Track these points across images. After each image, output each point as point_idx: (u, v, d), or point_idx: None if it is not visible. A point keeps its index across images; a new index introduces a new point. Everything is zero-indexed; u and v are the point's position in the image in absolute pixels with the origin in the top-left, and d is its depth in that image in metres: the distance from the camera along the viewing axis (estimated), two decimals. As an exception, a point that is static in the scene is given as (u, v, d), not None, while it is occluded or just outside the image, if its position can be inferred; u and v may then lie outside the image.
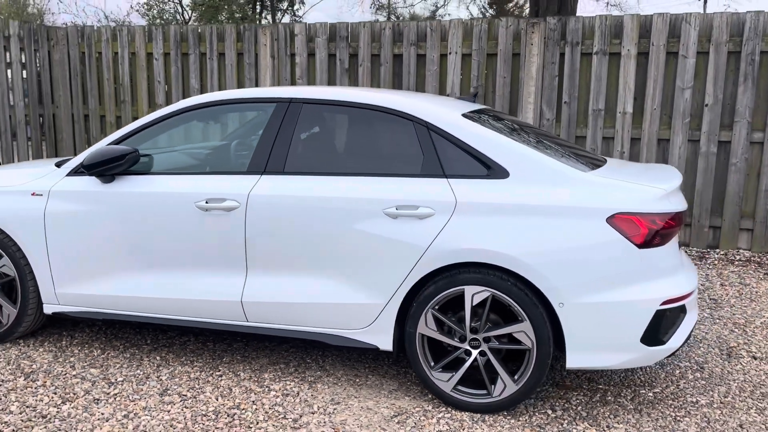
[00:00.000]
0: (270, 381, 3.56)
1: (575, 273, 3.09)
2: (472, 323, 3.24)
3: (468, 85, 7.06)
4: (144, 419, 3.14)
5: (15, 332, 3.90)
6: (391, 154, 3.51)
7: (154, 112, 3.78)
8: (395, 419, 3.19)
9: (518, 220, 3.17)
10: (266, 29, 7.56)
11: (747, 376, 3.77)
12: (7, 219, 3.78)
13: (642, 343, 3.11)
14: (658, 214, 3.13)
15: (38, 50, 8.14)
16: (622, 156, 6.71)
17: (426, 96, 4.04)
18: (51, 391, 3.40)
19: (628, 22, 6.57)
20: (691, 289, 3.24)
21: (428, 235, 3.23)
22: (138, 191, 3.60)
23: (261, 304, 3.47)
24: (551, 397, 3.47)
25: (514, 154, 3.29)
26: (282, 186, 3.44)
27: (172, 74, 7.92)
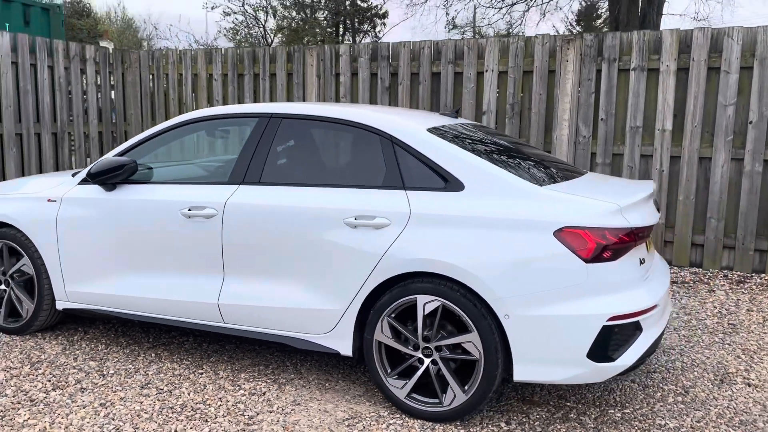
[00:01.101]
0: (244, 381, 3.76)
1: (521, 285, 3.11)
2: (425, 332, 3.32)
3: (504, 102, 7.08)
4: (117, 408, 3.42)
5: (33, 325, 4.31)
6: (358, 166, 3.65)
7: (154, 127, 4.11)
8: (346, 422, 3.30)
9: (468, 232, 3.23)
10: (313, 50, 7.89)
11: (732, 403, 3.62)
12: (28, 223, 4.20)
13: (589, 359, 3.08)
14: (609, 229, 3.11)
15: (112, 72, 8.84)
16: (661, 175, 6.52)
17: (398, 111, 4.16)
18: (47, 379, 3.75)
19: (667, 38, 6.41)
20: (647, 305, 3.17)
21: (383, 245, 3.34)
22: (133, 199, 3.93)
23: (235, 307, 3.69)
24: (511, 411, 3.47)
25: (471, 168, 3.36)
26: (256, 196, 3.66)
27: (230, 94, 8.39)
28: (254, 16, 22.63)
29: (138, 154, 4.10)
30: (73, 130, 8.25)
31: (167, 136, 4.09)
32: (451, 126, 3.84)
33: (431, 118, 3.90)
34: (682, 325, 4.84)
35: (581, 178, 3.77)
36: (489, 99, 7.11)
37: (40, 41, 7.87)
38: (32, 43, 7.77)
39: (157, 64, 8.84)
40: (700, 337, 4.61)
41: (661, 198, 6.53)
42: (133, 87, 8.97)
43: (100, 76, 8.68)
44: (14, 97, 7.56)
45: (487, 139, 3.92)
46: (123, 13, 28.33)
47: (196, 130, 4.13)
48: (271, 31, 23.06)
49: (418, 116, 3.90)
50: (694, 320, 4.95)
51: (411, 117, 3.80)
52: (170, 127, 4.06)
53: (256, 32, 23.02)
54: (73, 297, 4.15)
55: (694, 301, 5.38)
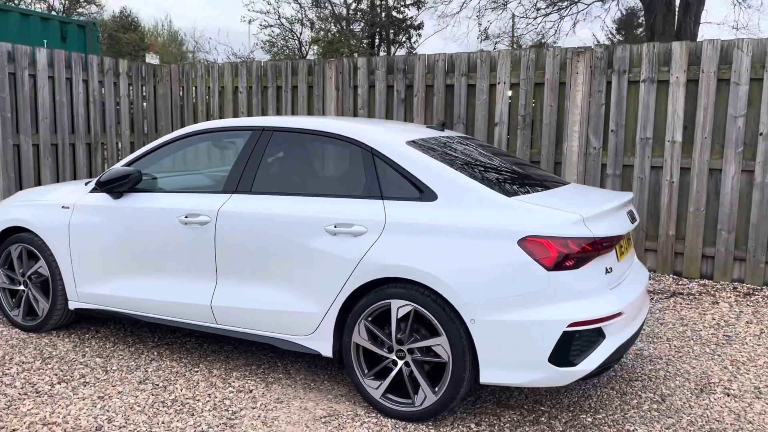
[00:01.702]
0: (235, 379, 3.98)
1: (486, 291, 3.25)
2: (398, 335, 3.48)
3: (516, 114, 7.19)
4: (114, 401, 3.67)
5: (48, 324, 4.62)
6: (341, 176, 3.84)
7: (159, 139, 4.38)
8: (323, 419, 3.48)
9: (438, 240, 3.38)
10: (332, 63, 8.14)
11: (707, 412, 3.67)
12: (44, 228, 4.51)
13: (550, 363, 3.20)
14: (572, 239, 3.22)
15: (144, 85, 9.25)
16: (671, 186, 6.54)
17: (385, 123, 4.33)
18: (54, 373, 4.03)
19: (677, 50, 6.45)
20: (610, 313, 3.26)
21: (360, 251, 3.52)
22: (137, 206, 4.20)
23: (227, 309, 3.91)
24: (484, 413, 3.60)
25: (444, 179, 3.52)
26: (246, 204, 3.88)
27: (254, 106, 8.70)
28: (290, 29, 23.17)
29: (144, 164, 4.38)
30: (106, 140, 8.67)
31: (170, 147, 4.36)
32: (433, 139, 4.01)
33: (415, 131, 4.07)
34: (676, 335, 4.88)
35: (558, 189, 3.89)
36: (501, 111, 7.23)
37: (75, 56, 8.31)
38: (68, 58, 8.21)
39: (186, 78, 9.22)
40: (691, 347, 4.65)
41: (671, 209, 6.55)
42: (164, 99, 9.37)
43: (133, 89, 9.10)
44: (50, 109, 8.00)
45: (468, 151, 4.07)
46: (169, 27, 29.29)
47: (197, 142, 4.39)
48: (307, 43, 23.57)
49: (402, 129, 4.07)
50: (689, 331, 4.98)
51: (393, 130, 3.98)
52: (173, 139, 4.33)
53: (292, 44, 23.57)
54: (83, 297, 4.44)
55: (694, 313, 5.40)
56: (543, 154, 7.08)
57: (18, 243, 4.64)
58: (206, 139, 4.35)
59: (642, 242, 6.70)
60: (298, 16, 23.19)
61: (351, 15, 23.31)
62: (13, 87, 7.62)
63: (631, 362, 4.36)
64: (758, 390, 3.96)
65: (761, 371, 4.24)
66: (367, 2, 23.56)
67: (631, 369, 4.25)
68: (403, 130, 3.99)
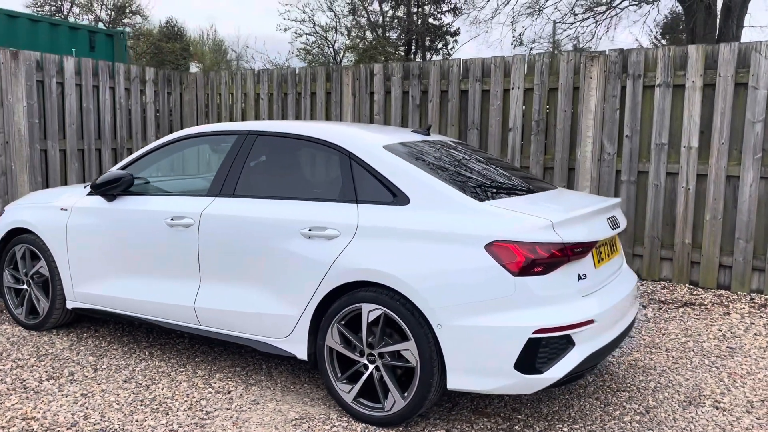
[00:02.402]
0: (217, 380, 4.03)
1: (452, 296, 3.22)
2: (369, 339, 3.47)
3: (530, 119, 7.12)
4: (95, 398, 3.76)
5: (48, 322, 4.76)
6: (320, 180, 3.87)
7: (152, 143, 4.48)
8: (294, 422, 3.50)
9: (408, 244, 3.37)
10: (349, 70, 8.19)
11: (690, 425, 3.56)
12: (44, 229, 4.66)
13: (516, 370, 3.15)
14: (540, 244, 3.17)
15: (171, 92, 9.47)
16: (687, 193, 6.36)
17: (364, 127, 4.33)
18: (45, 370, 4.15)
19: (693, 53, 6.29)
20: (580, 320, 3.19)
21: (332, 255, 3.53)
22: (128, 208, 4.30)
23: (208, 310, 3.97)
24: (458, 420, 3.56)
25: (417, 183, 3.50)
26: (228, 207, 3.93)
27: (275, 112, 8.81)
28: (324, 37, 23.40)
29: (138, 167, 4.48)
30: (132, 145, 8.89)
31: (162, 151, 4.45)
32: (414, 143, 3.99)
33: (397, 135, 4.07)
34: (677, 346, 4.74)
35: (540, 194, 3.83)
36: (515, 116, 7.16)
37: (102, 64, 8.55)
38: (95, 66, 8.46)
39: (211, 85, 9.40)
40: (690, 359, 4.51)
41: (687, 217, 6.37)
42: (189, 106, 9.56)
43: (159, 96, 9.32)
44: (77, 115, 8.25)
45: (450, 156, 4.04)
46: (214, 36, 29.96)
47: (187, 146, 4.48)
48: (341, 51, 23.77)
49: (383, 133, 4.07)
50: (691, 342, 4.83)
51: (373, 134, 3.98)
52: (165, 143, 4.42)
53: (327, 52, 23.79)
54: (79, 297, 4.57)
55: (700, 324, 5.23)
56: (557, 159, 6.98)
57: (22, 244, 4.81)
58: (196, 143, 4.44)
59: (657, 251, 6.54)
60: (333, 24, 23.49)
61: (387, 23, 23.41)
62: (42, 94, 7.89)
63: (622, 372, 4.26)
64: (750, 404, 3.82)
65: (758, 385, 4.09)
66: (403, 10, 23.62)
67: (621, 379, 4.14)
68: (384, 135, 3.99)
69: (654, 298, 5.95)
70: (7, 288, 4.96)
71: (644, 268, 6.62)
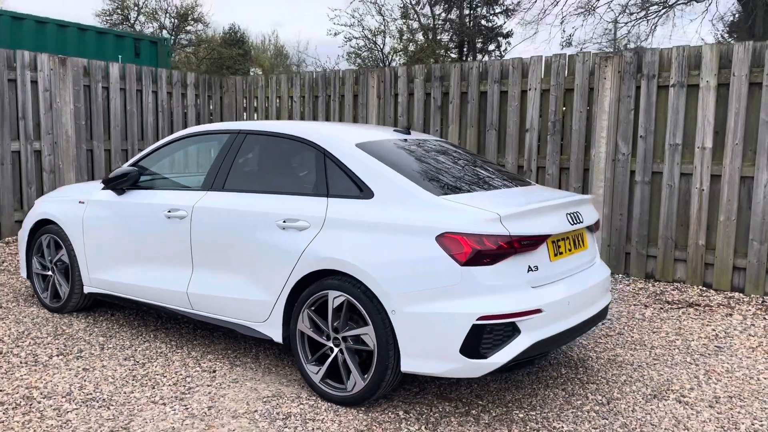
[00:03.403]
0: (207, 361, 4.34)
1: (406, 284, 3.42)
2: (334, 324, 3.70)
3: (547, 120, 7.19)
4: (95, 372, 4.12)
5: (68, 306, 5.19)
6: (297, 175, 4.12)
7: (157, 142, 4.85)
8: (265, 399, 3.76)
9: (369, 235, 3.59)
10: (374, 72, 8.45)
11: (647, 416, 3.63)
12: (66, 220, 5.09)
13: (462, 355, 3.32)
14: (487, 236, 3.33)
15: (211, 96, 9.95)
16: (701, 194, 6.32)
17: (342, 126, 4.54)
18: (57, 347, 4.55)
19: (707, 53, 6.26)
20: (524, 309, 3.33)
21: (302, 245, 3.78)
22: (134, 202, 4.67)
23: (199, 296, 4.28)
24: (420, 403, 3.75)
25: (381, 178, 3.72)
26: (217, 200, 4.25)
27: (306, 114, 9.16)
28: (373, 41, 23.75)
29: (146, 163, 4.86)
30: (173, 146, 9.40)
31: (167, 149, 4.82)
32: (388, 141, 4.20)
33: (377, 134, 4.29)
34: (664, 344, 4.77)
35: (506, 190, 3.98)
36: (532, 117, 7.26)
37: (146, 70, 9.09)
38: (138, 71, 9.00)
39: (249, 89, 9.83)
40: (672, 356, 4.54)
41: (701, 218, 6.33)
42: (229, 108, 10.03)
43: (200, 100, 9.81)
44: (122, 118, 8.81)
45: (424, 153, 4.23)
46: (275, 42, 30.81)
47: (188, 144, 4.82)
48: (389, 54, 24.05)
49: (359, 131, 4.30)
50: (679, 340, 4.85)
51: (349, 132, 4.21)
52: (169, 141, 4.79)
53: (376, 55, 24.13)
54: (94, 283, 4.98)
55: (697, 324, 5.23)
56: (572, 160, 7.04)
57: (47, 234, 5.26)
58: (196, 142, 4.78)
59: (671, 252, 6.51)
60: (381, 28, 23.82)
61: (439, 25, 23.55)
62: (88, 98, 8.47)
63: (598, 366, 4.34)
64: (716, 399, 3.85)
65: (733, 382, 4.11)
66: (456, 12, 23.71)
67: (594, 372, 4.23)
68: (361, 133, 4.22)
69: (661, 298, 5.95)
70: (35, 274, 5.43)
71: (658, 270, 6.60)
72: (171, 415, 3.57)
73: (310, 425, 3.47)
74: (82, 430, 3.39)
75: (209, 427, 3.44)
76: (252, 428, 3.43)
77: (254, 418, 3.54)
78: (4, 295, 5.75)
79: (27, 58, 7.81)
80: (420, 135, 4.69)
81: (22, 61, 7.75)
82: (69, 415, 3.54)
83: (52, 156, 8.12)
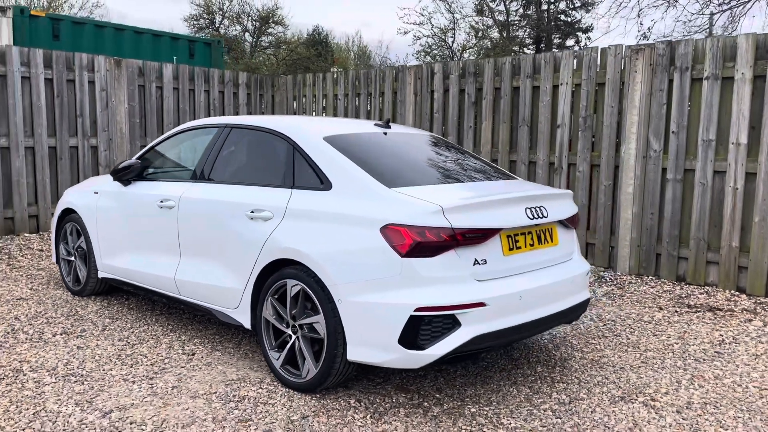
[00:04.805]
0: (192, 344, 4.53)
1: (351, 274, 3.46)
2: (293, 312, 3.79)
3: (577, 115, 7.00)
4: (87, 351, 4.39)
5: (86, 290, 5.54)
6: (270, 167, 4.22)
7: (160, 136, 5.10)
8: (229, 382, 3.89)
9: (323, 226, 3.65)
10: (411, 70, 8.48)
11: (605, 418, 3.49)
12: (83, 209, 5.44)
13: (401, 345, 3.32)
14: (429, 228, 3.32)
15: (263, 95, 10.27)
16: (735, 193, 5.98)
17: (322, 120, 4.61)
18: (64, 326, 4.87)
19: (743, 43, 5.91)
20: (464, 302, 3.28)
21: (265, 234, 3.89)
22: (135, 192, 4.94)
23: (184, 282, 4.48)
24: (377, 394, 3.76)
25: (340, 170, 3.77)
26: (200, 191, 4.43)
27: (349, 110, 9.32)
28: (442, 38, 23.57)
29: (150, 156, 5.13)
30: (224, 143, 9.77)
31: (168, 142, 5.06)
32: (363, 134, 4.24)
33: (354, 127, 4.34)
34: (659, 347, 4.56)
35: (474, 183, 3.95)
36: (563, 112, 7.08)
37: (198, 70, 9.50)
38: (191, 72, 9.42)
39: (298, 87, 10.09)
40: (662, 359, 4.34)
41: (734, 218, 5.99)
42: (280, 107, 10.32)
43: (252, 98, 10.15)
44: (174, 115, 9.25)
45: (396, 147, 4.25)
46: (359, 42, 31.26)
47: (185, 139, 5.04)
48: (458, 51, 23.81)
49: (338, 125, 4.36)
50: (679, 344, 4.62)
51: (323, 126, 4.28)
52: (169, 135, 5.03)
53: (445, 53, 23.94)
54: (104, 268, 5.29)
55: (706, 328, 4.96)
56: (602, 157, 6.82)
57: (71, 222, 5.64)
58: (193, 136, 4.98)
59: (703, 254, 6.19)
60: (451, 26, 23.65)
61: (515, 21, 23.14)
62: (142, 97, 8.95)
63: (578, 366, 4.21)
64: (688, 405, 3.66)
65: (717, 389, 3.88)
66: (533, 9, 23.21)
67: (571, 372, 4.11)
68: (333, 127, 4.28)
69: (682, 302, 5.68)
70: (62, 259, 5.83)
71: (689, 272, 6.29)
72: (135, 392, 3.76)
73: (260, 408, 3.57)
74: (52, 401, 3.64)
75: (166, 405, 3.61)
76: (204, 408, 3.57)
77: (210, 399, 3.68)
78: (40, 278, 6.20)
79: (85, 60, 8.34)
80: (403, 129, 4.70)
81: (80, 62, 8.29)
82: (45, 388, 3.80)
83: (108, 151, 8.63)
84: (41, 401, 3.62)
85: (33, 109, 7.93)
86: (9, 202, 7.87)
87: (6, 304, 5.38)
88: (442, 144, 4.65)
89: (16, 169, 7.83)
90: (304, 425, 3.39)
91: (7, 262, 6.77)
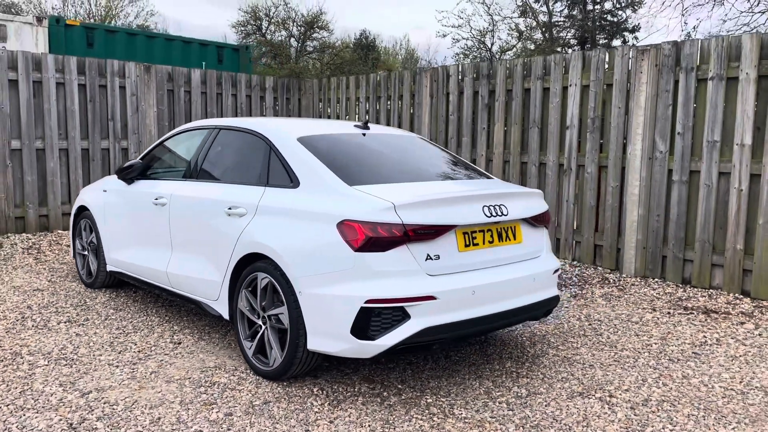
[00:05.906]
0: (182, 334, 4.77)
1: (310, 267, 3.62)
2: (262, 303, 3.98)
3: (586, 117, 7.00)
4: (84, 337, 4.68)
5: (97, 282, 5.86)
6: (249, 166, 4.42)
7: (162, 137, 5.38)
8: (205, 369, 4.09)
9: (289, 221, 3.83)
10: (427, 72, 8.60)
11: (556, 412, 3.55)
12: (94, 206, 5.76)
13: (352, 336, 3.47)
14: (381, 224, 3.46)
15: (290, 98, 10.55)
16: (739, 195, 5.89)
17: (303, 121, 4.75)
18: (70, 315, 5.18)
19: (747, 42, 5.83)
20: (414, 295, 3.40)
21: (239, 230, 4.09)
22: (135, 190, 5.22)
23: (174, 275, 4.73)
24: (341, 383, 3.91)
25: (307, 169, 3.95)
26: (188, 189, 4.67)
27: (370, 112, 9.50)
28: (481, 40, 23.48)
29: (151, 156, 5.42)
30: (251, 145, 10.09)
31: (167, 143, 5.34)
32: (339, 135, 4.41)
33: (331, 128, 4.52)
34: (637, 347, 4.55)
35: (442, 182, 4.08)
36: (572, 113, 7.08)
37: (225, 75, 9.84)
38: (219, 76, 9.77)
39: (323, 91, 10.33)
40: (636, 358, 4.34)
41: (739, 221, 5.90)
42: (306, 110, 10.58)
43: (279, 102, 10.44)
44: (202, 119, 9.60)
45: (368, 147, 4.39)
46: (407, 46, 31.47)
47: (184, 139, 5.29)
48: (498, 53, 23.66)
49: (315, 126, 4.54)
50: (657, 344, 4.60)
51: (299, 126, 4.46)
52: (169, 136, 5.31)
53: (483, 55, 23.82)
54: (111, 261, 5.60)
55: (692, 330, 4.92)
56: (610, 158, 6.80)
57: (84, 218, 5.99)
58: (189, 137, 5.23)
59: (708, 256, 6.11)
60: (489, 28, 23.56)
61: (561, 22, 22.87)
62: (172, 101, 9.34)
63: (547, 362, 4.26)
64: (645, 402, 3.68)
65: (681, 387, 3.87)
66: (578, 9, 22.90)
67: (540, 368, 4.16)
68: (309, 128, 4.46)
69: (679, 304, 5.63)
70: (78, 254, 6.18)
71: (694, 275, 6.21)
72: (117, 375, 4.01)
73: (227, 393, 3.77)
74: (39, 381, 3.92)
75: (141, 388, 3.84)
76: (176, 392, 3.78)
77: (183, 384, 3.89)
78: (60, 272, 6.58)
79: (116, 66, 8.77)
80: (385, 129, 4.84)
81: (111, 69, 8.72)
82: (37, 370, 4.09)
83: (138, 153, 9.03)
84: (30, 381, 3.91)
85: (67, 113, 8.39)
86: (44, 201, 8.33)
87: (23, 294, 5.75)
88: (421, 144, 4.77)
89: (50, 170, 8.29)
90: (264, 410, 3.56)
91: (35, 256, 7.19)
